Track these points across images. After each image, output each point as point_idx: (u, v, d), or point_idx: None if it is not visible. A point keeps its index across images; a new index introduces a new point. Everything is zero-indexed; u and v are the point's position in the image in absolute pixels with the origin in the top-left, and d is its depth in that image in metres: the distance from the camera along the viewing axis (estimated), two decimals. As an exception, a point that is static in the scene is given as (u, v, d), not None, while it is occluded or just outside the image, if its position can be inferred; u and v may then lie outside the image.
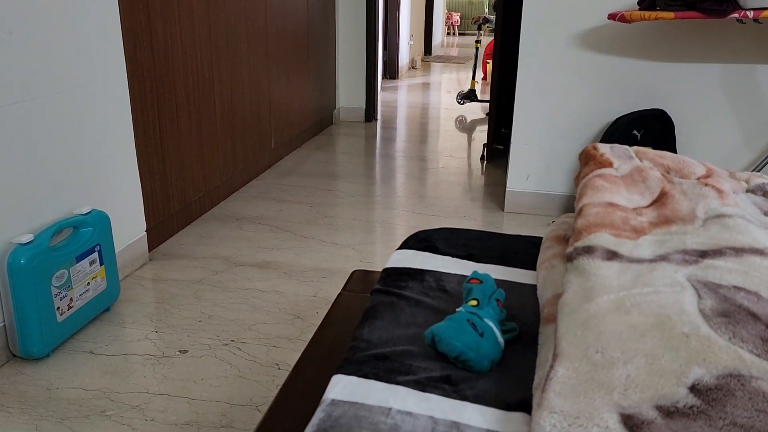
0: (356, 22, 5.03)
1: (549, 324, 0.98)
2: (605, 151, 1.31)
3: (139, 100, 2.42)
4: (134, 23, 2.35)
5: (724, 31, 2.70)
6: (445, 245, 1.42)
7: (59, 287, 1.86)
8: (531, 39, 2.89)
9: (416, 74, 8.58)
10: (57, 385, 1.73)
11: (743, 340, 0.77)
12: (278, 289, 2.30)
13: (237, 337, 1.98)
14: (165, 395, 1.70)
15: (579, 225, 1.07)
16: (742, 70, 2.75)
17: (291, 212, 3.10)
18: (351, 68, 5.17)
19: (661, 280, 0.89)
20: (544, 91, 2.95)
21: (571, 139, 2.99)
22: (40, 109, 1.89)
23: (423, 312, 1.14)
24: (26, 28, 1.81)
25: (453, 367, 0.96)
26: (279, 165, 3.94)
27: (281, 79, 3.92)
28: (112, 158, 2.26)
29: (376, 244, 2.77)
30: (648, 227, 1.05)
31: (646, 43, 2.79)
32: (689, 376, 0.74)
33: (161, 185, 2.65)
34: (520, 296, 1.19)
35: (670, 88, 2.83)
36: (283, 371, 1.81)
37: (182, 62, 2.72)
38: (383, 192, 3.49)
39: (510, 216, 3.13)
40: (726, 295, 0.85)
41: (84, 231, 1.98)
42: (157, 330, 2.02)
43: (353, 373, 0.95)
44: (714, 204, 1.08)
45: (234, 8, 3.17)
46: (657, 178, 1.20)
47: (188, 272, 2.43)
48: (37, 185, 1.90)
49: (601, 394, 0.76)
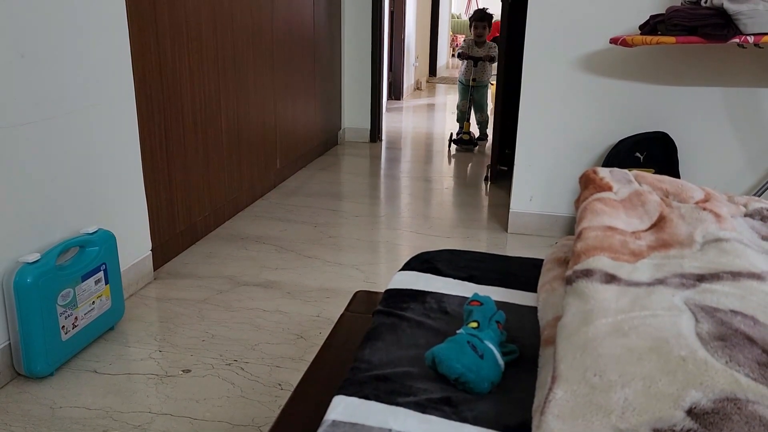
0: (362, 44, 5.09)
1: (549, 346, 0.99)
2: (605, 175, 1.33)
3: (147, 121, 2.46)
4: (143, 45, 2.40)
5: (725, 56, 2.73)
6: (447, 267, 1.43)
7: (65, 306, 1.87)
8: (534, 61, 2.92)
9: (421, 95, 8.65)
10: (60, 404, 1.74)
11: (740, 364, 0.78)
12: (282, 309, 2.31)
13: (240, 356, 1.99)
14: (168, 415, 1.70)
15: (578, 248, 1.08)
16: (744, 94, 2.77)
17: (295, 232, 3.12)
18: (356, 89, 5.23)
19: (659, 304, 0.90)
20: (547, 113, 2.98)
21: (574, 160, 3.01)
22: (51, 130, 1.92)
23: (424, 333, 1.15)
24: (38, 51, 1.85)
25: (453, 389, 0.97)
26: (284, 185, 3.97)
27: (287, 100, 3.97)
28: (118, 178, 2.28)
29: (380, 264, 2.78)
30: (646, 251, 1.06)
31: (649, 67, 2.82)
32: (686, 400, 0.75)
33: (167, 205, 2.67)
34: (521, 318, 1.20)
35: (673, 111, 2.85)
36: (286, 391, 1.81)
37: (189, 83, 2.76)
38: (387, 212, 3.50)
39: (513, 237, 3.13)
40: (723, 319, 0.85)
41: (90, 250, 2.00)
42: (161, 349, 2.03)
43: (354, 394, 0.95)
44: (712, 228, 1.09)
45: (241, 30, 3.22)
46: (656, 202, 1.22)
47: (192, 291, 2.44)
48: (45, 204, 1.93)
49: (599, 416, 0.76)
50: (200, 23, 2.81)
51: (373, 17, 5.01)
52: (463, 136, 5.12)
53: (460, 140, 5.13)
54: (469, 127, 5.15)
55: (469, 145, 5.12)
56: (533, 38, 2.90)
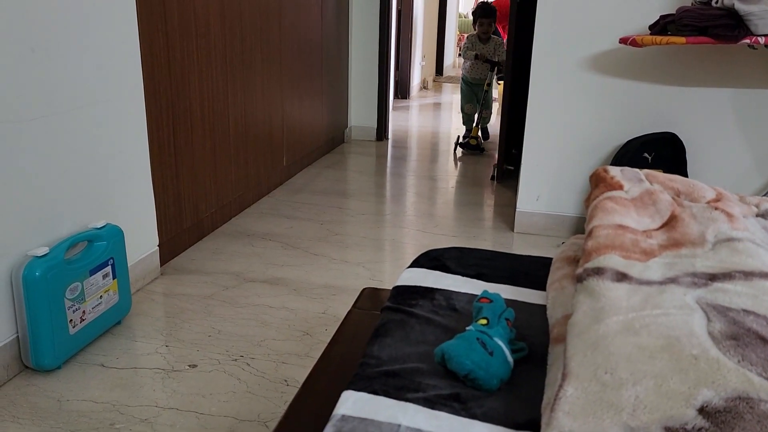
0: (369, 42, 5.09)
1: (558, 344, 0.99)
2: (615, 174, 1.32)
3: (155, 117, 2.47)
4: (153, 42, 2.40)
5: (735, 57, 2.72)
6: (456, 264, 1.43)
7: (72, 300, 1.88)
8: (543, 61, 2.92)
9: (427, 94, 8.64)
10: (67, 397, 1.75)
11: (752, 363, 0.78)
12: (288, 306, 2.31)
13: (246, 352, 1.99)
14: (174, 409, 1.71)
15: (589, 246, 1.07)
16: (754, 95, 2.76)
17: (302, 229, 3.12)
18: (363, 87, 5.23)
19: (671, 303, 0.90)
20: (555, 112, 2.97)
21: (581, 160, 3.00)
22: (60, 125, 1.93)
23: (433, 330, 1.15)
24: (48, 46, 1.86)
25: (462, 386, 0.97)
26: (290, 182, 3.98)
27: (294, 98, 3.97)
28: (127, 173, 2.29)
29: (386, 262, 2.78)
30: (658, 250, 1.06)
31: (658, 67, 2.81)
32: (698, 398, 0.74)
33: (174, 201, 2.68)
34: (530, 316, 1.20)
35: (682, 111, 2.84)
36: (292, 387, 1.82)
37: (198, 80, 2.77)
38: (393, 210, 3.50)
39: (520, 236, 3.13)
40: (735, 318, 0.85)
41: (98, 245, 2.01)
42: (167, 344, 2.03)
43: (363, 390, 0.95)
44: (724, 228, 1.08)
45: (249, 28, 3.23)
46: (667, 201, 1.21)
47: (199, 287, 2.45)
48: (53, 199, 1.94)
49: (610, 414, 0.76)
50: (209, 20, 2.81)
51: (381, 16, 5.01)
52: (470, 141, 4.94)
53: (467, 144, 4.96)
54: (477, 131, 5.00)
55: (476, 150, 4.95)
56: (542, 37, 2.89)
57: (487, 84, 5.01)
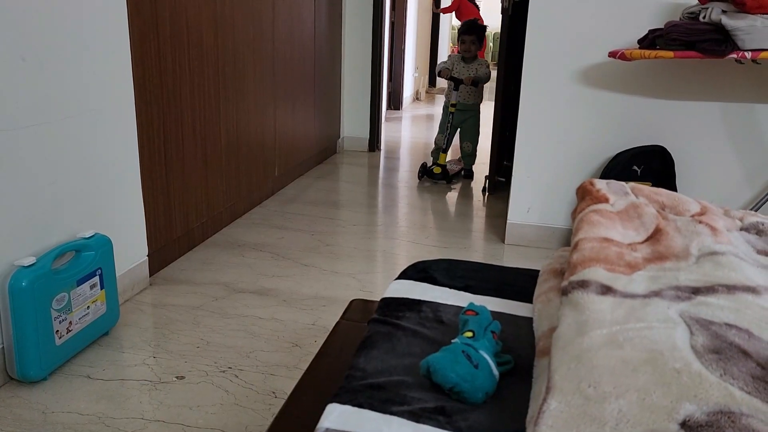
0: (362, 53, 5.11)
1: (544, 357, 0.99)
2: (601, 187, 1.33)
3: (146, 127, 2.46)
4: (144, 52, 2.41)
5: (723, 71, 2.75)
6: (443, 276, 1.43)
7: (59, 310, 1.86)
8: (533, 73, 2.94)
9: (420, 105, 8.68)
10: (53, 409, 1.73)
11: (734, 377, 0.78)
12: (277, 317, 2.30)
13: (234, 364, 1.98)
14: (160, 422, 1.69)
15: (574, 259, 1.08)
16: (741, 109, 2.79)
17: (292, 240, 3.12)
18: (356, 98, 5.24)
19: (654, 316, 0.90)
20: (545, 125, 2.99)
21: (571, 172, 3.02)
22: (50, 133, 1.92)
23: (419, 342, 1.15)
24: (39, 55, 1.85)
25: (447, 399, 0.97)
26: (282, 193, 3.97)
27: (287, 108, 3.97)
28: (116, 183, 2.28)
29: (377, 273, 2.78)
30: (642, 263, 1.06)
31: (647, 81, 2.83)
32: (680, 412, 0.75)
33: (164, 210, 2.67)
34: (516, 329, 1.20)
35: (670, 125, 2.87)
36: (280, 399, 1.80)
37: (190, 90, 2.77)
38: (385, 221, 3.50)
39: (511, 248, 3.14)
40: (718, 332, 0.85)
41: (86, 255, 2.00)
42: (155, 355, 2.02)
43: (348, 402, 0.95)
44: (708, 241, 1.09)
45: (242, 38, 3.23)
46: (652, 214, 1.22)
47: (188, 298, 2.44)
48: (41, 208, 1.93)
49: (593, 428, 0.76)
50: (201, 30, 2.82)
51: (374, 27, 5.04)
52: (434, 169, 4.30)
53: (430, 172, 4.32)
54: (444, 159, 4.39)
55: (441, 180, 4.33)
56: (532, 50, 2.91)
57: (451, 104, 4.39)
